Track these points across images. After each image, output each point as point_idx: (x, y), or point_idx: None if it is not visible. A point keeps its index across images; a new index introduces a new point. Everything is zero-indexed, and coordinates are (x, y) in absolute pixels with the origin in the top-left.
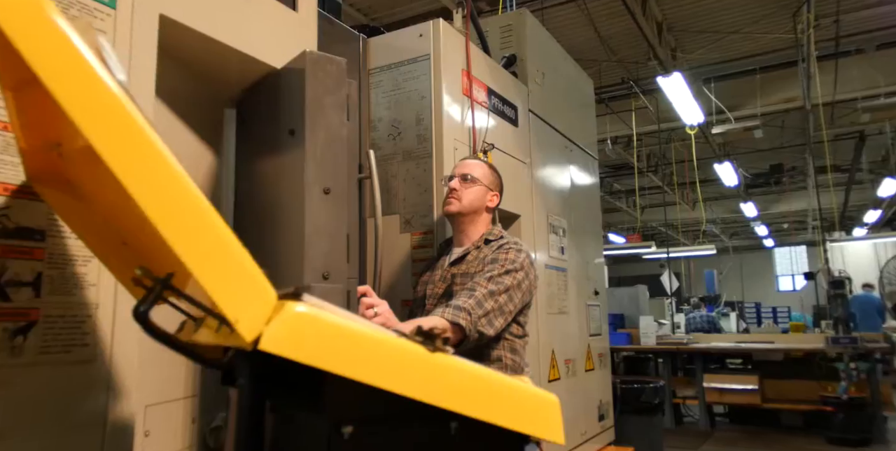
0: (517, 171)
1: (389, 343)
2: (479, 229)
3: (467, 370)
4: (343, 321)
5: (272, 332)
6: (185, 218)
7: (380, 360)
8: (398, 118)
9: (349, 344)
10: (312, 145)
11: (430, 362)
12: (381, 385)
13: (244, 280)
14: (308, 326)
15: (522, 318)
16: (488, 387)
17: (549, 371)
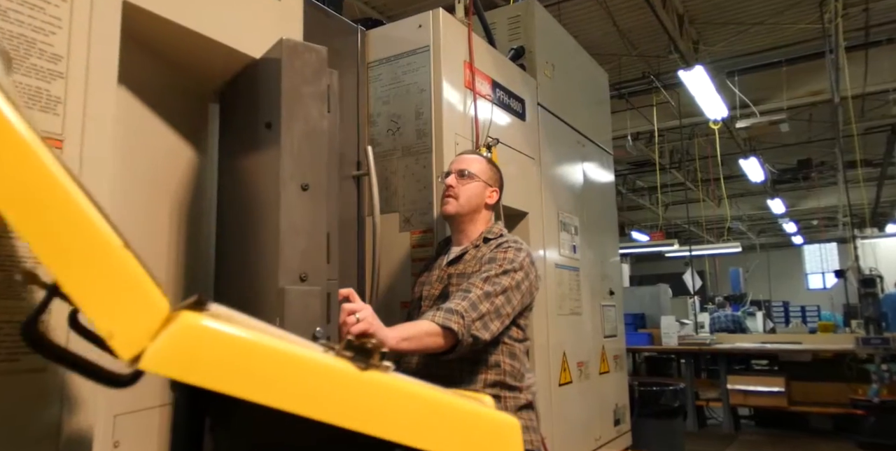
0: (525, 167)
1: (305, 360)
2: (479, 228)
3: (407, 392)
4: (248, 336)
5: (157, 348)
6: (43, 209)
7: (292, 380)
8: (397, 113)
9: (253, 362)
10: (289, 139)
11: (359, 382)
12: (295, 410)
13: (123, 287)
14: (203, 341)
15: (523, 321)
16: (433, 411)
17: (560, 374)
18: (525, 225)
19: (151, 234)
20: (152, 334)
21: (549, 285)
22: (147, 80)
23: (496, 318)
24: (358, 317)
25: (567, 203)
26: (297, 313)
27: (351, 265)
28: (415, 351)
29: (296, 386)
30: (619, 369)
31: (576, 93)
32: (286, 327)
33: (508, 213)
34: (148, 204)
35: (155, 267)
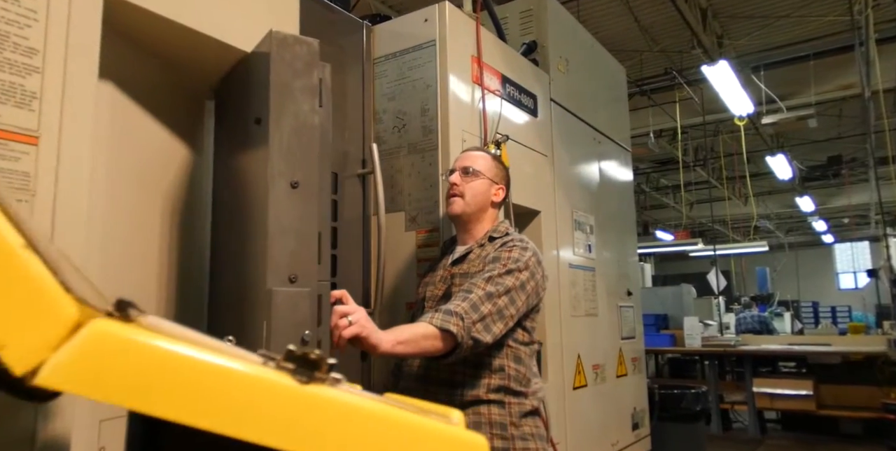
0: (537, 164)
1: (234, 374)
2: (485, 226)
3: (355, 409)
4: (169, 346)
5: (58, 361)
6: None
7: (218, 396)
8: (403, 109)
9: (173, 376)
10: (278, 134)
11: (297, 398)
12: (220, 430)
13: (19, 291)
14: (114, 353)
15: (529, 323)
16: (386, 430)
17: (574, 378)
18: (537, 224)
19: (141, 235)
20: (54, 345)
21: (562, 286)
22: (136, 76)
23: (499, 319)
24: (350, 320)
25: (582, 201)
26: (284, 315)
27: (356, 265)
28: (412, 355)
29: (222, 403)
30: (638, 371)
31: (592, 88)
32: (273, 330)
33: (520, 211)
34: (137, 204)
35: (144, 269)
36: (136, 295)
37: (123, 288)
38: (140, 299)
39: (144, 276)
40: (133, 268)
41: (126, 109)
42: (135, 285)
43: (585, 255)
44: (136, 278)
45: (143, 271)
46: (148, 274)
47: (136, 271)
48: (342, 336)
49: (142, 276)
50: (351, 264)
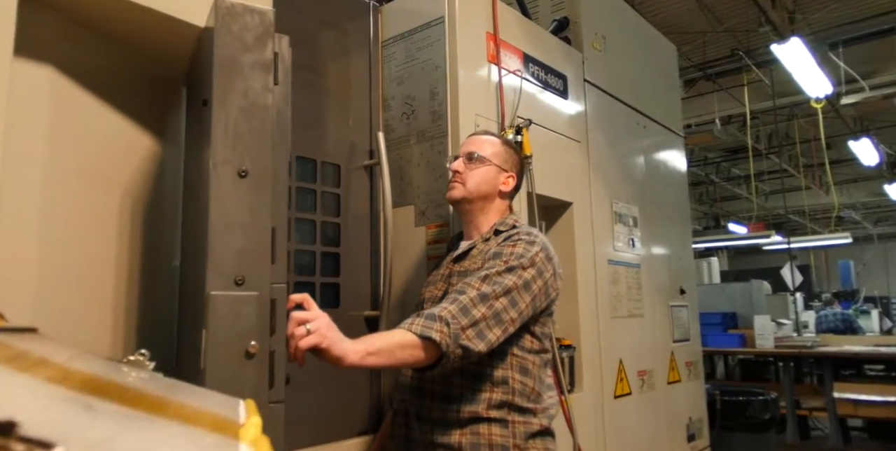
0: (567, 151)
1: None
2: (491, 219)
3: None
4: None
5: None
6: None
7: None
8: (411, 94)
9: None
10: (223, 116)
11: None
12: None
13: None
14: None
15: (539, 328)
16: None
17: (616, 385)
18: (569, 217)
19: (92, 233)
20: None
21: (600, 284)
22: (86, 60)
23: (496, 325)
24: (308, 328)
25: (623, 191)
26: (225, 324)
27: (363, 265)
28: (387, 367)
29: None
30: (694, 377)
31: (634, 68)
32: (212, 341)
33: (548, 203)
34: (87, 200)
35: (96, 271)
36: (83, 299)
37: (68, 293)
38: (89, 304)
39: (97, 278)
40: (82, 270)
41: (72, 96)
42: (84, 288)
43: (628, 250)
44: (86, 280)
45: (95, 273)
46: (102, 276)
47: (85, 273)
48: (298, 347)
49: (93, 278)
50: (357, 263)
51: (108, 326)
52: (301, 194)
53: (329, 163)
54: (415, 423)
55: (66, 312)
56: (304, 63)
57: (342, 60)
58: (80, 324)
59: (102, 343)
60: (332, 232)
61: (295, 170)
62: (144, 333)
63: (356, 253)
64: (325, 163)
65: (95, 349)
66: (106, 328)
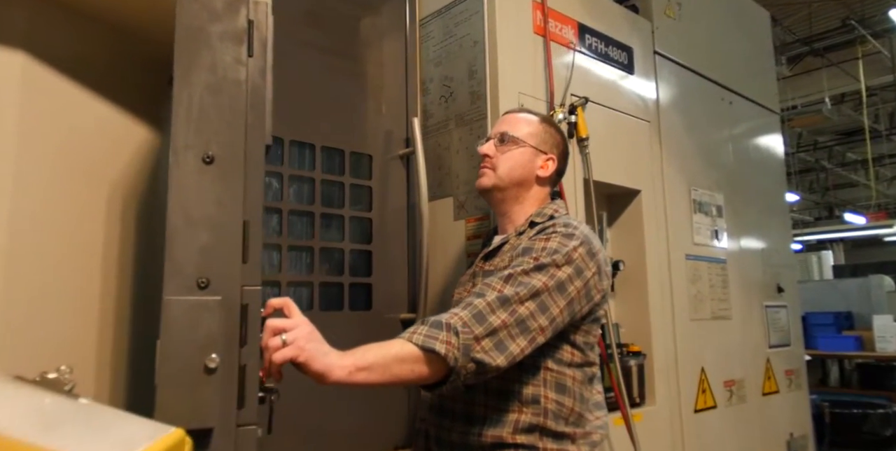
0: (634, 132)
1: None
2: (527, 209)
3: None
4: None
5: None
6: None
7: None
8: (449, 75)
9: None
10: (186, 94)
11: None
12: None
13: None
14: None
15: (580, 337)
16: None
17: (697, 398)
18: (637, 207)
19: (76, 232)
20: None
21: (675, 282)
22: (67, 46)
23: (520, 334)
24: (285, 339)
25: (704, 177)
26: (180, 333)
27: (399, 264)
28: (382, 384)
29: None
30: (796, 387)
31: (717, 37)
32: (166, 354)
33: (611, 191)
34: (70, 197)
35: (79, 269)
36: (64, 300)
37: (47, 293)
38: (71, 306)
39: (81, 277)
40: (63, 271)
41: (47, 84)
42: (66, 286)
43: (711, 243)
44: (70, 281)
45: (80, 274)
46: (87, 277)
47: (68, 274)
48: (273, 361)
49: (76, 277)
50: (392, 261)
51: (92, 329)
52: (327, 187)
53: (359, 153)
54: (434, 447)
55: (42, 314)
56: (331, 47)
57: (375, 43)
58: (58, 328)
59: (85, 347)
60: (363, 228)
61: (321, 161)
62: (137, 342)
63: (391, 250)
64: (355, 153)
65: (76, 353)
66: (90, 332)
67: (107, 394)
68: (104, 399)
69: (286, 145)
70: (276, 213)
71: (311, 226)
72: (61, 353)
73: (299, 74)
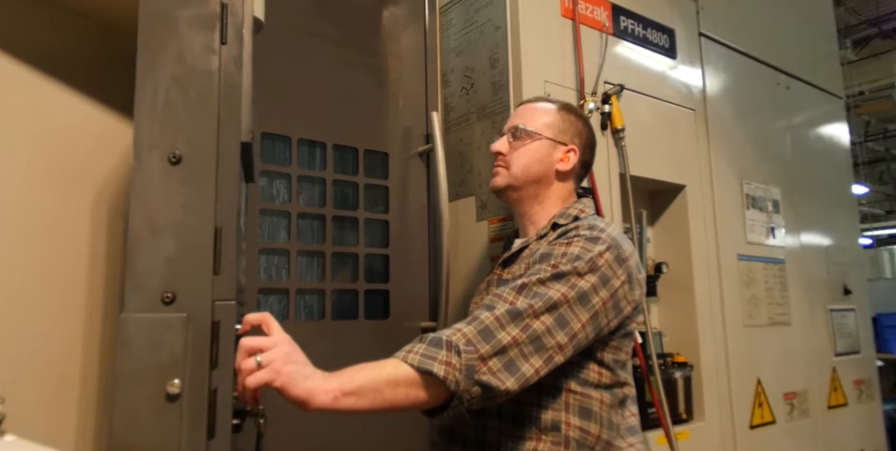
0: (677, 122)
1: None
2: (549, 209)
3: None
4: None
5: None
6: None
7: None
8: (470, 65)
9: None
10: (150, 87)
11: None
12: None
13: None
14: None
15: (610, 354)
16: None
17: (753, 413)
18: (682, 203)
19: (57, 239)
20: None
21: (726, 285)
22: (48, 43)
23: (534, 352)
24: (259, 360)
25: (758, 169)
26: (139, 355)
27: (419, 268)
28: (374, 411)
29: None
30: (867, 398)
31: (770, 17)
32: (122, 378)
33: (652, 187)
34: (47, 202)
35: (64, 282)
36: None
37: (26, 304)
38: (51, 317)
39: (63, 287)
40: (41, 277)
41: (17, 81)
42: (46, 297)
43: (767, 241)
44: (49, 288)
45: (60, 281)
46: (70, 284)
47: (46, 280)
48: (246, 386)
49: (56, 287)
50: (412, 266)
51: (77, 341)
52: (339, 189)
53: (374, 151)
54: None
55: (19, 326)
56: (344, 39)
57: (392, 33)
58: (38, 340)
59: (68, 361)
60: (379, 231)
61: (332, 160)
62: None
63: (410, 254)
64: (369, 152)
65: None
66: (74, 344)
67: (93, 406)
68: (90, 412)
69: (294, 144)
70: (285, 216)
71: (323, 230)
72: (42, 365)
73: (308, 68)
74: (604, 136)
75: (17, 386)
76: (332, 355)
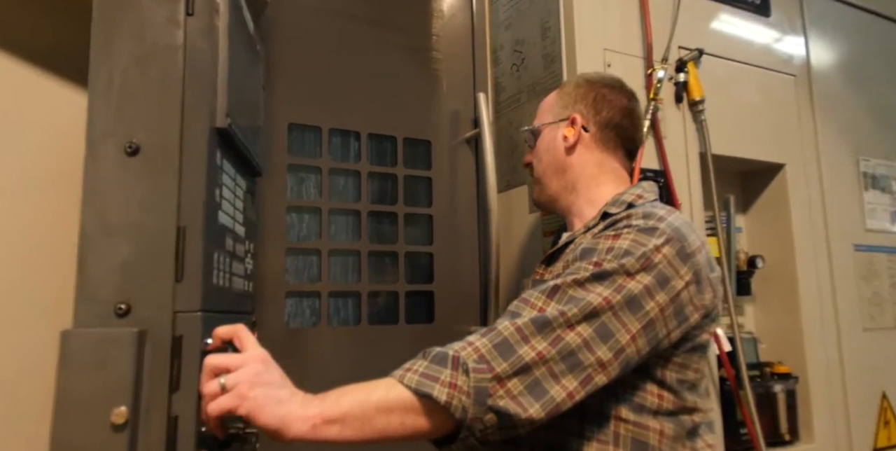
0: (772, 91)
1: None
2: (591, 195)
3: None
4: None
5: None
6: None
7: None
8: (520, 37)
9: None
10: (105, 68)
11: None
12: None
13: None
14: None
15: (673, 373)
16: None
17: (877, 433)
18: (780, 185)
19: (54, 241)
20: None
21: (838, 282)
22: (44, 36)
23: (568, 371)
24: (223, 384)
25: (878, 143)
26: (82, 376)
27: (468, 267)
28: (362, 442)
29: None
30: None
31: None
32: (62, 403)
33: (743, 168)
34: (46, 199)
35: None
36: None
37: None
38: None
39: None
40: (35, 280)
41: (18, 76)
42: (40, 301)
43: (893, 228)
44: (42, 291)
45: (54, 285)
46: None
47: (39, 283)
48: (207, 413)
49: (50, 290)
50: (459, 264)
51: None
52: (376, 182)
53: (415, 140)
54: None
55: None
56: (380, 18)
57: (435, 10)
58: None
59: None
60: (421, 227)
61: (367, 151)
62: None
63: (457, 252)
64: (409, 140)
65: None
66: None
67: None
68: None
69: (325, 135)
70: (315, 213)
71: (357, 226)
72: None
73: (340, 52)
74: (679, 109)
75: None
76: (371, 364)
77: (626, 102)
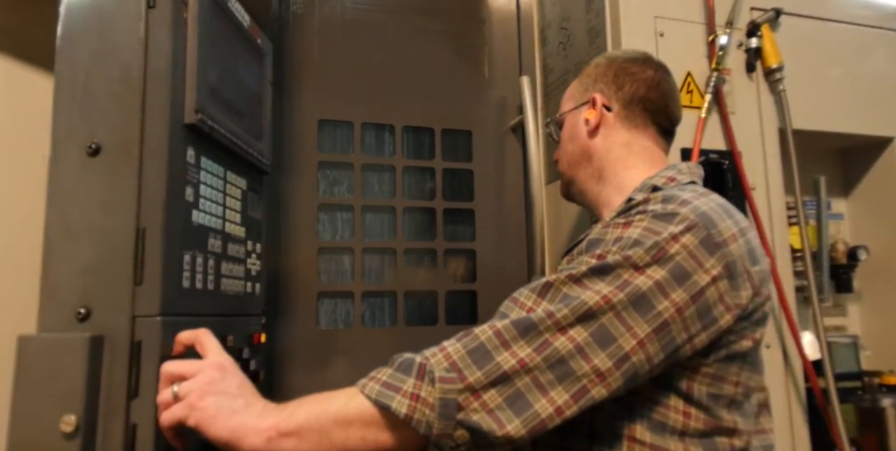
0: (872, 52)
1: None
2: (623, 183)
3: None
4: None
5: None
6: None
7: None
8: (566, 14)
9: None
10: (68, 66)
11: None
12: None
13: None
14: None
15: (703, 385)
16: None
17: None
18: (887, 163)
19: None
20: None
21: None
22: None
23: (558, 382)
24: (177, 392)
25: None
26: (35, 383)
27: (515, 264)
28: None
29: None
30: None
31: None
32: (17, 410)
33: (840, 145)
34: None
35: None
36: None
37: None
38: None
39: None
40: None
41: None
42: None
43: None
44: None
45: None
46: None
47: None
48: (161, 422)
49: None
50: (504, 261)
51: None
52: (412, 176)
53: (454, 131)
54: None
55: None
56: (415, 5)
57: None
58: None
59: None
60: (461, 222)
61: (402, 144)
62: None
63: (502, 248)
64: (447, 131)
65: None
66: None
67: None
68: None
69: (357, 130)
70: (348, 210)
71: (392, 223)
72: None
73: (371, 43)
74: (751, 80)
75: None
76: None
77: (653, 74)
